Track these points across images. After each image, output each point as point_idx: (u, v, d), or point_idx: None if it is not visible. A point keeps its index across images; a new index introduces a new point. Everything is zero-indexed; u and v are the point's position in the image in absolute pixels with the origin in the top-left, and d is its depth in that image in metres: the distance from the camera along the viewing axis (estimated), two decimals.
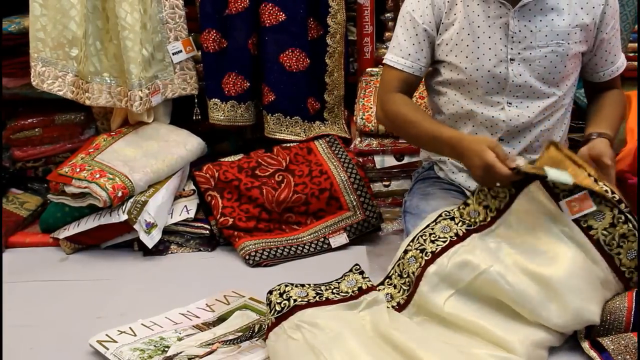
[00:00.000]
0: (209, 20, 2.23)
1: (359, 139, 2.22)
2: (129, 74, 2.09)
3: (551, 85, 1.64)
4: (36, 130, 2.27)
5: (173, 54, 2.21)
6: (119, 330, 1.50)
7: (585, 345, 1.38)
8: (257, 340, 1.44)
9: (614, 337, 1.37)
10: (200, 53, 2.27)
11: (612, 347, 1.35)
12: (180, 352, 1.40)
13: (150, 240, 1.95)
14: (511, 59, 1.61)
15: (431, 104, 1.80)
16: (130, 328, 1.51)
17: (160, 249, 2.00)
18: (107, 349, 1.43)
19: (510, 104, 1.64)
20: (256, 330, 1.48)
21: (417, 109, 1.71)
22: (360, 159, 2.18)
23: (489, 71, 1.62)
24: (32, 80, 2.14)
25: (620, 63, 1.72)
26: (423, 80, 1.78)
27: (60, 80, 2.16)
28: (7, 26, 2.18)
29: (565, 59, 1.61)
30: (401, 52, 1.67)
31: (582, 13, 1.60)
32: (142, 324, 1.54)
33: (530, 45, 1.59)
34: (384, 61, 1.72)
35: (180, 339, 1.47)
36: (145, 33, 2.15)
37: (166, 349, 1.43)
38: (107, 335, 1.48)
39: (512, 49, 1.60)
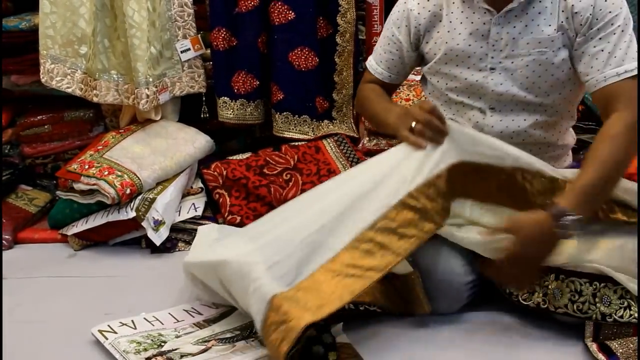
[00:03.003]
0: (219, 18, 2.23)
1: (367, 138, 2.21)
2: (136, 71, 2.10)
3: (538, 94, 1.55)
4: (45, 127, 2.28)
5: (181, 51, 2.21)
6: (120, 322, 1.51)
7: (594, 348, 1.37)
8: (252, 340, 1.45)
9: (622, 340, 1.36)
10: (209, 51, 2.27)
11: (620, 350, 1.34)
12: (175, 349, 1.41)
13: (158, 237, 1.95)
14: (491, 68, 1.56)
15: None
16: (132, 321, 1.53)
17: (167, 247, 2.00)
18: (107, 339, 1.45)
19: (492, 108, 1.58)
20: (254, 330, 1.47)
21: (381, 93, 1.73)
22: (368, 159, 2.17)
23: (466, 78, 1.58)
24: (41, 77, 2.15)
25: (613, 71, 1.44)
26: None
27: (69, 77, 2.17)
28: (17, 23, 2.20)
29: (552, 67, 1.51)
30: (377, 56, 1.73)
31: (562, 16, 1.49)
32: (144, 318, 1.55)
33: (511, 53, 1.53)
34: (367, 60, 1.78)
35: (178, 337, 1.48)
36: (154, 31, 2.15)
37: (162, 344, 1.44)
38: (108, 325, 1.49)
39: (492, 57, 1.54)
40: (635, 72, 1.44)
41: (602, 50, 1.46)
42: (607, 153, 1.38)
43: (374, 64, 1.73)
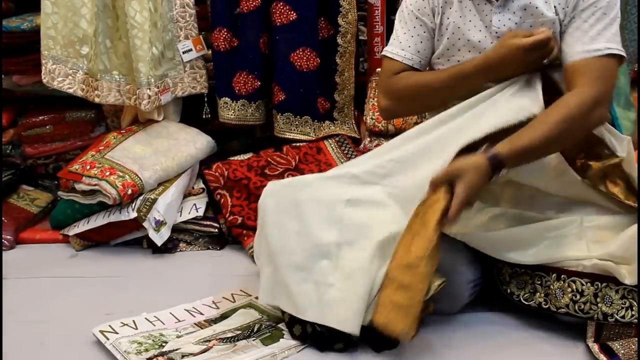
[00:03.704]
0: (220, 18, 2.24)
1: (368, 139, 2.21)
2: (138, 72, 2.10)
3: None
4: (47, 127, 2.28)
5: (183, 52, 2.22)
6: (122, 322, 1.52)
7: (595, 349, 1.37)
8: (254, 340, 1.45)
9: (624, 341, 1.36)
10: (210, 52, 2.27)
11: (622, 351, 1.34)
12: (177, 349, 1.42)
13: (159, 238, 1.95)
14: None
15: None
16: (133, 321, 1.53)
17: (169, 247, 2.00)
18: (108, 339, 1.45)
19: None
20: (255, 329, 1.48)
21: (427, 72, 1.68)
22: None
23: None
24: (43, 78, 2.16)
25: (583, 47, 1.47)
26: None
27: (70, 77, 2.17)
28: (19, 24, 2.20)
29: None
30: (400, 44, 1.65)
31: (555, 1, 1.51)
32: (145, 318, 1.55)
33: None
34: (382, 53, 1.71)
35: (179, 337, 1.48)
36: (156, 31, 2.16)
37: (164, 344, 1.44)
38: (109, 326, 1.50)
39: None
40: (605, 52, 1.45)
41: (579, 28, 1.48)
42: (556, 119, 1.41)
43: (400, 51, 1.65)
